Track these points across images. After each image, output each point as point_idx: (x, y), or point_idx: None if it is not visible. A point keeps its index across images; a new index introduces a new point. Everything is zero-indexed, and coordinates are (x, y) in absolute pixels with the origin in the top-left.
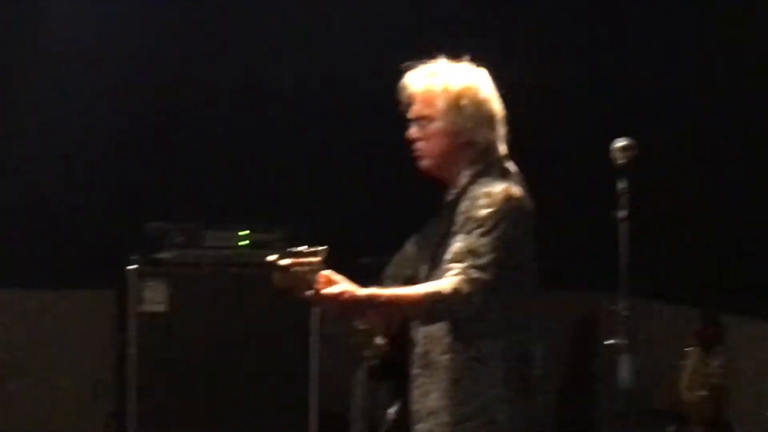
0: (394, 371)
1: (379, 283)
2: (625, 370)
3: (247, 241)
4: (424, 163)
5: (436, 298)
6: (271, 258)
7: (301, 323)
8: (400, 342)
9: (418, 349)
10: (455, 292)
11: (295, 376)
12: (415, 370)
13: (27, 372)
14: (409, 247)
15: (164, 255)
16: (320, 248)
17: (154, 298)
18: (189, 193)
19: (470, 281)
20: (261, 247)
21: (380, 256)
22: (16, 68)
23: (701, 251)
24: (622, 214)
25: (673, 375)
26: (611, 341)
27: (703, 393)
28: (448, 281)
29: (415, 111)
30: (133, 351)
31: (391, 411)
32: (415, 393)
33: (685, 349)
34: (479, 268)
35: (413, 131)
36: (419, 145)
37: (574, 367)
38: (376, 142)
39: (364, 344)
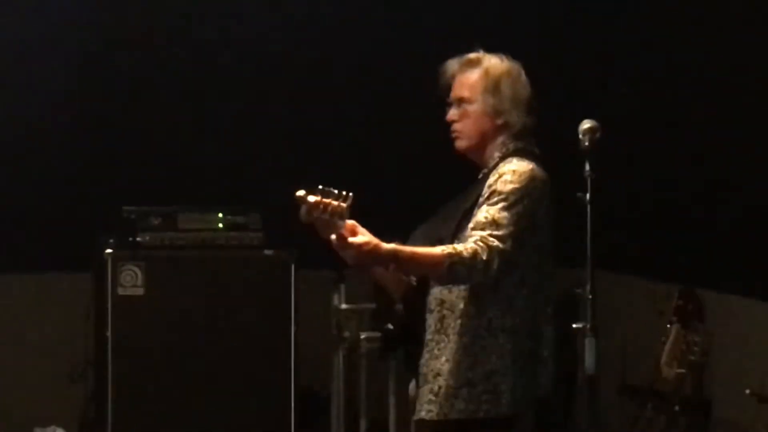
0: (408, 337)
1: (405, 241)
2: (589, 355)
3: (222, 224)
4: (461, 144)
5: (455, 259)
6: (300, 193)
7: (279, 305)
8: (415, 308)
9: (434, 316)
10: (474, 256)
11: (274, 358)
12: (428, 336)
13: (4, 357)
14: (434, 219)
15: (140, 238)
16: (348, 194)
17: (131, 281)
18: (164, 176)
19: (490, 248)
20: (236, 229)
21: None
22: None
23: (679, 227)
24: (587, 195)
25: (651, 352)
26: (577, 324)
27: (682, 370)
28: (469, 245)
29: (454, 93)
30: (109, 335)
31: (412, 386)
32: (426, 356)
33: (667, 326)
34: (499, 238)
35: (452, 113)
36: (456, 126)
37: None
38: (357, 122)
39: (384, 309)
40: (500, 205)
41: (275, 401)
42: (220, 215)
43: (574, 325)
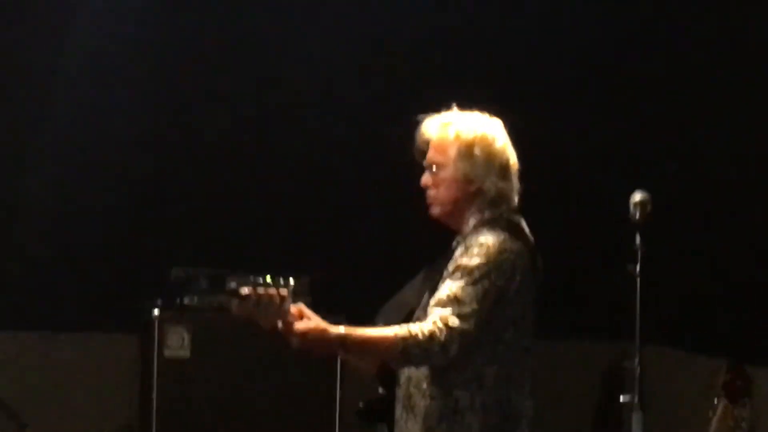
0: (383, 413)
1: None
2: (636, 429)
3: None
4: (435, 210)
5: (409, 341)
6: (231, 286)
7: (324, 370)
8: (390, 383)
9: (401, 392)
10: (431, 339)
11: (319, 423)
12: (398, 412)
13: (49, 419)
14: (407, 289)
15: (188, 300)
16: (288, 280)
17: (177, 343)
18: (213, 239)
19: (449, 329)
20: None
21: None
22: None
23: (726, 302)
24: (638, 267)
25: (699, 427)
26: (625, 398)
27: None
28: (426, 326)
29: (428, 158)
30: (155, 397)
31: None
32: None
33: (715, 401)
34: (460, 316)
35: (425, 178)
36: (430, 192)
37: (597, 423)
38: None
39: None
40: (464, 280)
41: None
42: (269, 278)
43: (621, 399)
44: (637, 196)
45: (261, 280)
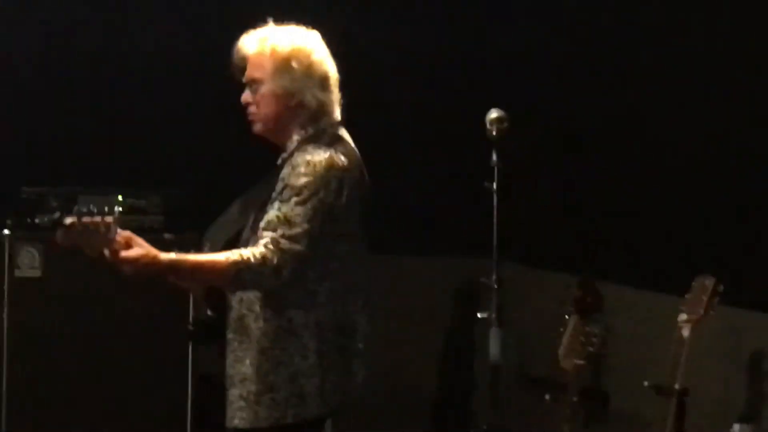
0: (214, 334)
1: (199, 245)
2: (494, 345)
3: (122, 207)
4: (257, 128)
5: (241, 266)
6: (57, 218)
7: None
8: (219, 304)
9: (233, 314)
10: (263, 262)
11: (173, 343)
12: (229, 335)
13: None
14: (234, 209)
15: (39, 220)
16: (113, 209)
17: (29, 263)
18: (64, 158)
19: (281, 251)
20: (136, 212)
21: None
22: None
23: (579, 219)
24: (494, 185)
25: (551, 343)
26: (482, 314)
27: (581, 361)
28: (258, 249)
29: (247, 75)
30: (5, 317)
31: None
32: (230, 357)
33: (566, 317)
34: (291, 238)
35: (245, 96)
36: (251, 109)
37: (454, 338)
38: None
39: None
40: (293, 200)
41: (173, 387)
42: (120, 198)
43: (479, 315)
44: (494, 113)
45: (85, 210)
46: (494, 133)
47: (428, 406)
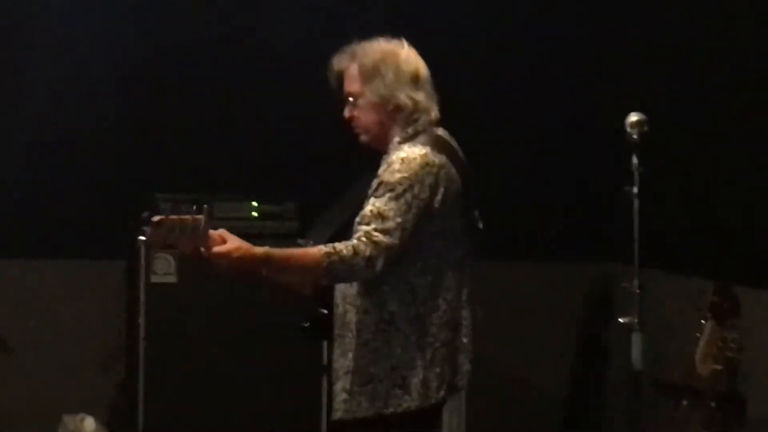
0: (328, 331)
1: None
2: (636, 350)
3: (257, 213)
4: (363, 139)
5: (334, 258)
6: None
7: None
8: (329, 302)
9: (338, 310)
10: (355, 253)
11: (308, 347)
12: (336, 331)
13: (35, 344)
14: (336, 207)
15: None
16: (202, 206)
17: (164, 269)
18: (200, 165)
19: (373, 243)
20: (271, 218)
21: None
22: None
23: (715, 223)
24: (634, 189)
25: (687, 348)
26: (624, 319)
27: (718, 366)
28: (350, 242)
29: (345, 90)
30: (141, 323)
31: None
32: (336, 352)
33: (701, 322)
34: (384, 231)
35: (347, 111)
36: (355, 123)
37: (588, 342)
38: None
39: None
40: (387, 196)
41: (307, 392)
42: (255, 204)
43: (620, 320)
44: (634, 117)
45: (177, 209)
46: (635, 136)
47: (560, 411)
